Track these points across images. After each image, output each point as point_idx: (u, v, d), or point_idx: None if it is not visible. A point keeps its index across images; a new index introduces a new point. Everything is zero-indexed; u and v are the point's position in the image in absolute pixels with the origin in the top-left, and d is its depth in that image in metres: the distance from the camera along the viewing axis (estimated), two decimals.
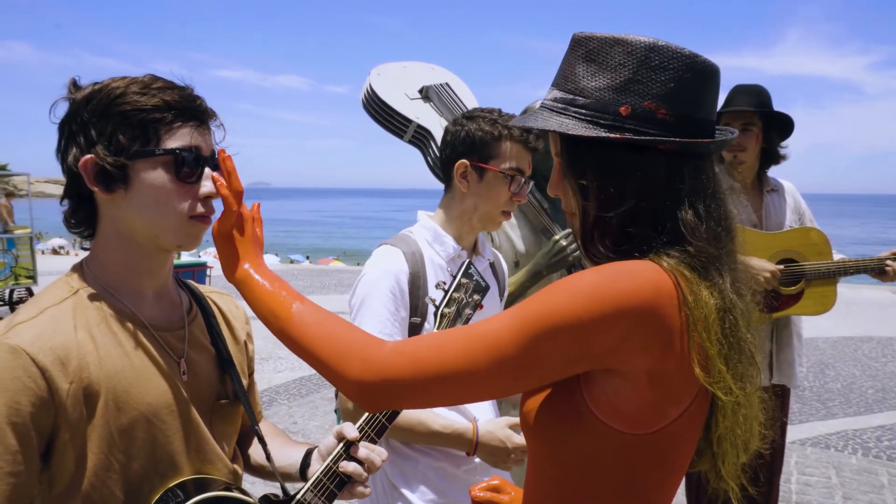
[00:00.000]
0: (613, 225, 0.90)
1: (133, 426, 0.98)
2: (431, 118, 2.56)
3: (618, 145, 0.87)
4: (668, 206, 0.88)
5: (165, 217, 1.00)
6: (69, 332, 0.96)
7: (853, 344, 7.94)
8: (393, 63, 2.78)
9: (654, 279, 0.82)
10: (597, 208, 0.90)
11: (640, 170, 0.87)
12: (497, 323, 0.86)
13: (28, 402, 0.90)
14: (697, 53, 0.88)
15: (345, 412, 1.60)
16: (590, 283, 0.83)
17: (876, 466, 4.31)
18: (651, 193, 0.88)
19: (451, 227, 1.70)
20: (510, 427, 1.59)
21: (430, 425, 1.57)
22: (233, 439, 1.18)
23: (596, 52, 0.89)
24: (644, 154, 0.87)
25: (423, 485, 1.62)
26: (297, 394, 5.83)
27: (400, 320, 1.57)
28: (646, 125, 0.87)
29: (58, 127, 1.02)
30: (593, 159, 0.90)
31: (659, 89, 0.86)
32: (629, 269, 0.84)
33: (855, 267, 2.57)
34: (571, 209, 0.95)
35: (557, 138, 0.94)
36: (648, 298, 0.81)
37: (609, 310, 0.80)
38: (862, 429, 5.03)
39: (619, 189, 0.88)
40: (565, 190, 0.95)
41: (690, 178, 0.89)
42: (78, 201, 1.03)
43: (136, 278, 1.05)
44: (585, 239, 0.93)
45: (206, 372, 1.11)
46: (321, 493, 1.10)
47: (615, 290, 0.81)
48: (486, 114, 1.65)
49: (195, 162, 1.00)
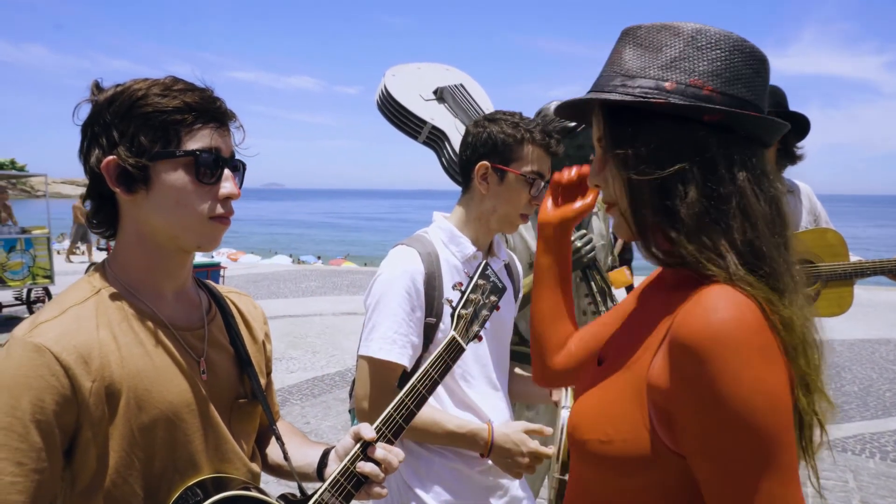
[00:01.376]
0: (666, 212, 0.85)
1: (154, 424, 0.99)
2: (446, 119, 2.56)
3: (662, 116, 0.85)
4: (724, 197, 0.84)
5: (185, 218, 1.01)
6: (92, 330, 0.97)
7: (870, 346, 7.85)
8: (407, 64, 2.78)
9: (748, 314, 0.78)
10: (648, 190, 0.86)
11: (688, 145, 0.84)
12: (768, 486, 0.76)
13: (52, 400, 0.91)
14: (746, 39, 0.86)
15: (359, 412, 1.61)
16: (747, 368, 0.75)
17: (894, 470, 4.26)
18: (703, 178, 0.84)
19: (468, 229, 1.70)
20: (525, 432, 1.59)
21: (446, 425, 1.57)
22: (251, 438, 1.19)
23: (643, 37, 0.88)
24: (691, 127, 0.85)
25: (437, 485, 1.62)
26: (310, 394, 5.86)
27: (415, 320, 1.58)
28: (692, 100, 0.84)
29: (80, 129, 1.03)
30: (640, 132, 0.87)
31: (706, 67, 0.85)
32: (744, 328, 0.77)
33: (872, 268, 2.54)
34: (612, 198, 0.93)
35: (600, 118, 0.92)
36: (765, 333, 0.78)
37: (781, 364, 0.77)
38: (879, 432, 4.97)
39: (668, 163, 0.84)
40: (606, 178, 0.93)
41: (744, 168, 0.85)
42: (100, 202, 1.05)
43: (157, 278, 1.06)
44: (640, 229, 0.89)
45: (225, 371, 1.12)
46: (339, 493, 1.10)
47: (772, 360, 0.77)
48: (509, 116, 1.66)
49: (215, 163, 1.01)
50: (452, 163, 2.44)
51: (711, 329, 0.76)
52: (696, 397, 0.77)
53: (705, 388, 0.76)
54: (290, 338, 8.09)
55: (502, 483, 1.70)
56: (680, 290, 0.87)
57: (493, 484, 1.68)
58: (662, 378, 0.82)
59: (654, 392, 0.83)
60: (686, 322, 0.79)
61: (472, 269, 1.66)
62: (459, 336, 1.29)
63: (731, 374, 0.74)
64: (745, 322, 0.76)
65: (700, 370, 0.76)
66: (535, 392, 1.86)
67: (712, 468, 0.78)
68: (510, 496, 1.71)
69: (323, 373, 6.56)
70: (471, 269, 1.67)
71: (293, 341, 7.93)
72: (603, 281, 2.26)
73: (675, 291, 0.89)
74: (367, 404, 1.57)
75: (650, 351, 0.86)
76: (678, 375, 0.79)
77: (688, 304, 0.82)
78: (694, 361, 0.76)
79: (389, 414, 1.18)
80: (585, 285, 2.25)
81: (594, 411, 0.91)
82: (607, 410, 0.89)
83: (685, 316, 0.80)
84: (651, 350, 0.86)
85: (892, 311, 10.20)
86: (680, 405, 0.79)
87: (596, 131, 0.94)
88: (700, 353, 0.76)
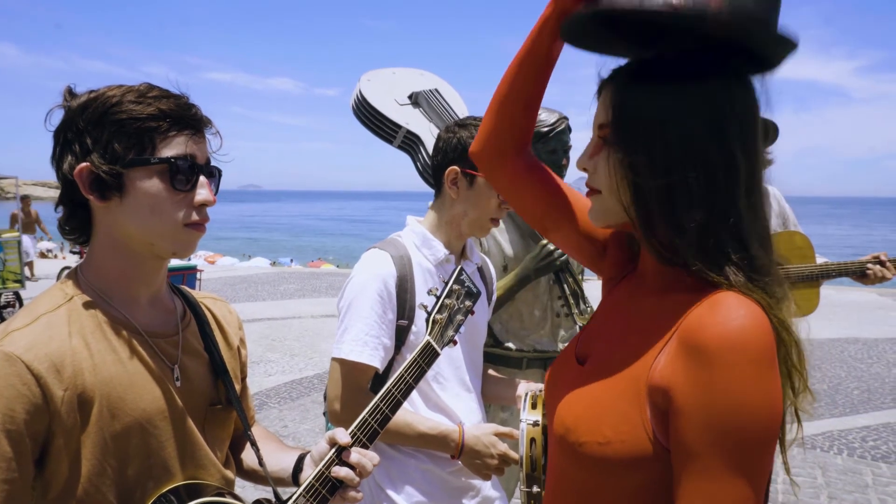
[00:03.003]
0: (671, 214, 0.86)
1: (127, 432, 0.99)
2: (421, 124, 2.58)
3: (674, 81, 0.86)
4: (726, 207, 0.86)
5: (160, 225, 1.01)
6: (64, 338, 0.97)
7: (839, 346, 8.03)
8: (383, 69, 2.79)
9: (763, 324, 0.81)
10: (655, 190, 0.86)
11: (702, 121, 0.85)
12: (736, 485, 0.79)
13: (23, 410, 0.91)
14: None
15: (331, 414, 1.63)
16: (753, 380, 0.78)
17: (861, 466, 4.37)
18: (707, 188, 0.85)
19: (440, 232, 1.72)
20: (496, 434, 1.60)
21: (417, 427, 1.59)
22: (225, 444, 1.19)
23: None
24: (704, 88, 0.86)
25: (408, 486, 1.64)
26: (288, 397, 5.82)
27: (387, 323, 1.60)
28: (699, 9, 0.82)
29: (53, 134, 1.03)
30: (650, 122, 0.87)
31: None
32: (756, 336, 0.80)
33: (837, 270, 2.61)
34: (598, 185, 0.94)
35: (609, 101, 0.91)
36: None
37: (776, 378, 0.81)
38: (847, 429, 5.09)
39: (676, 165, 0.85)
40: (596, 165, 0.94)
41: (747, 176, 0.87)
42: (73, 208, 1.04)
43: (131, 285, 1.06)
44: (644, 222, 0.89)
45: (200, 378, 1.12)
46: (313, 497, 1.11)
47: (771, 371, 0.80)
48: (479, 122, 1.68)
49: (190, 170, 1.02)
50: (427, 167, 2.46)
51: (731, 337, 0.78)
52: (707, 401, 0.79)
53: (719, 392, 0.78)
54: (269, 341, 8.03)
55: (474, 484, 1.72)
56: (676, 293, 0.89)
57: (464, 485, 1.70)
58: (668, 380, 0.83)
59: (657, 393, 0.84)
60: (702, 328, 0.81)
61: (445, 273, 1.68)
62: (434, 341, 1.30)
63: (746, 382, 0.78)
64: (762, 332, 0.80)
65: (716, 376, 0.78)
66: (509, 394, 1.89)
67: (702, 470, 0.79)
68: (482, 496, 1.73)
69: (301, 376, 6.53)
70: (444, 272, 1.69)
71: (271, 344, 7.87)
72: (576, 283, 2.30)
73: (670, 294, 0.90)
74: (339, 405, 1.59)
75: (651, 353, 0.87)
76: (690, 379, 0.80)
77: (698, 309, 0.84)
78: (710, 367, 0.79)
79: (364, 418, 1.19)
80: (558, 288, 2.28)
81: (589, 413, 0.91)
82: (604, 412, 0.89)
83: (699, 321, 0.82)
84: (652, 352, 0.87)
85: (859, 311, 10.44)
86: (687, 407, 0.80)
87: (601, 115, 0.94)
88: (718, 359, 0.78)
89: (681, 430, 0.81)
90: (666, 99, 0.87)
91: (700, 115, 0.86)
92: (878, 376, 6.67)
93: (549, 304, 2.29)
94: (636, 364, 0.88)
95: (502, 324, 2.28)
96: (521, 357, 2.27)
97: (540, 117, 2.26)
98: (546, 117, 2.26)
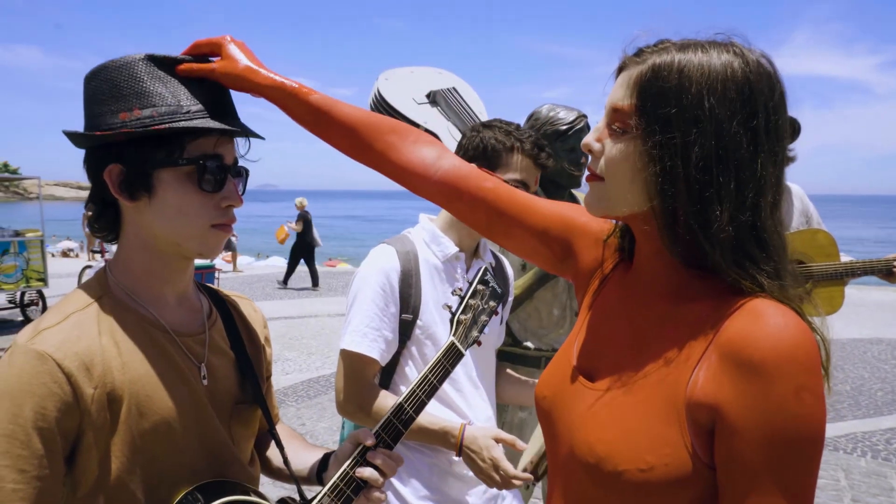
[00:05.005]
0: (701, 217, 0.81)
1: (155, 430, 1.00)
2: (439, 123, 2.58)
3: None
4: (757, 213, 0.82)
5: (188, 226, 1.02)
6: (93, 337, 0.98)
7: (862, 346, 7.91)
8: (401, 68, 2.80)
9: (808, 333, 0.79)
10: (685, 189, 0.81)
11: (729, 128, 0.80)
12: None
13: (54, 408, 0.92)
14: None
15: (337, 405, 1.67)
16: (807, 393, 0.76)
17: (885, 469, 4.30)
18: (738, 192, 0.81)
19: (452, 231, 1.74)
20: (496, 439, 1.57)
21: (419, 420, 1.59)
22: (251, 442, 1.20)
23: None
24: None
25: (414, 479, 1.65)
26: (306, 395, 5.86)
27: (389, 316, 1.62)
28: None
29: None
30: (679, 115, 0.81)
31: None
32: (797, 341, 0.77)
33: (862, 268, 2.57)
34: (603, 172, 0.88)
35: (635, 88, 0.84)
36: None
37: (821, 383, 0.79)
38: (871, 431, 5.02)
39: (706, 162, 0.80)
40: (604, 149, 0.88)
41: (773, 170, 0.84)
42: (102, 207, 1.06)
43: (158, 284, 1.07)
44: (667, 220, 0.84)
45: (226, 376, 1.13)
46: (338, 497, 1.11)
47: (817, 373, 0.78)
48: (504, 125, 1.70)
49: (218, 171, 1.02)
50: None
51: (786, 350, 0.76)
52: (767, 417, 0.76)
53: (779, 407, 0.75)
54: (286, 339, 8.09)
55: None
56: (694, 300, 0.85)
57: (471, 479, 1.69)
58: (712, 395, 0.79)
59: (699, 410, 0.80)
60: (751, 342, 0.77)
61: (453, 270, 1.70)
62: (458, 341, 1.30)
63: (804, 393, 0.75)
64: (810, 341, 0.78)
65: (775, 390, 0.75)
66: (527, 394, 1.88)
67: (760, 483, 0.77)
68: (490, 493, 1.72)
69: (318, 374, 6.57)
70: (452, 269, 1.71)
71: (288, 343, 7.93)
72: None
73: (685, 301, 0.86)
74: (342, 395, 1.63)
75: (684, 368, 0.82)
76: (744, 395, 0.77)
77: (737, 320, 0.80)
78: (765, 380, 0.76)
79: (388, 419, 1.19)
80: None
81: (625, 440, 0.84)
82: (641, 437, 0.83)
83: (745, 335, 0.78)
84: (686, 365, 0.82)
85: (883, 311, 10.28)
86: (742, 423, 0.77)
87: (621, 97, 0.86)
88: (774, 371, 0.75)
89: (736, 447, 0.78)
90: (700, 84, 0.81)
91: (733, 106, 0.81)
92: None
93: (569, 302, 2.28)
94: (667, 381, 0.83)
95: (521, 323, 2.27)
96: (540, 356, 2.27)
97: (558, 115, 2.25)
98: (565, 115, 2.24)
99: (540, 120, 2.26)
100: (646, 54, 0.86)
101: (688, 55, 0.83)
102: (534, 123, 2.27)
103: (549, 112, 2.26)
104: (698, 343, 0.82)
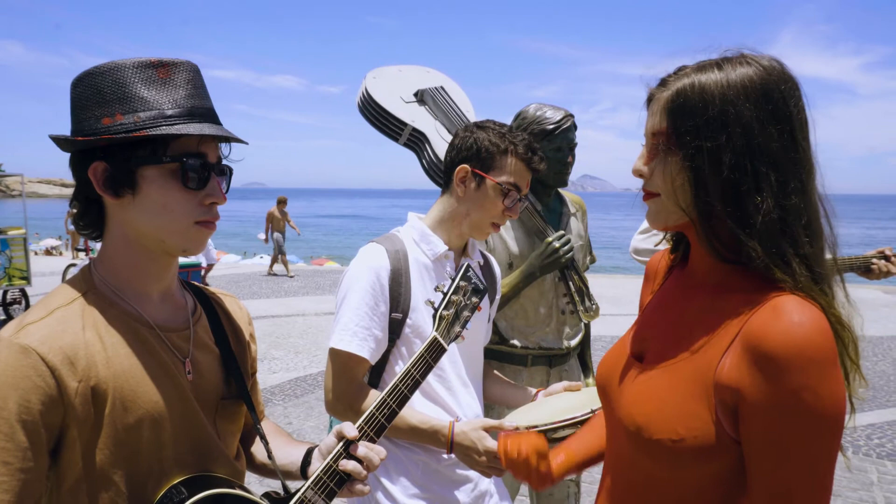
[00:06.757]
0: (739, 212, 0.90)
1: (139, 424, 1.01)
2: (426, 121, 2.59)
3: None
4: (796, 208, 0.90)
5: (172, 223, 1.03)
6: (78, 332, 0.98)
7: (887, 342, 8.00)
8: (389, 67, 2.80)
9: (823, 329, 0.85)
10: (720, 187, 0.90)
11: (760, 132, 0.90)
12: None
13: (38, 401, 0.92)
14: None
15: (325, 403, 1.67)
16: (824, 383, 0.84)
17: (866, 464, 4.37)
18: (779, 187, 0.90)
19: (440, 229, 1.74)
20: (485, 429, 1.59)
21: (409, 420, 1.60)
22: (236, 438, 1.21)
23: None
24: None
25: (404, 477, 1.66)
26: (293, 394, 5.85)
27: (379, 315, 1.62)
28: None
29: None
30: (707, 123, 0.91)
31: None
32: (814, 336, 0.85)
33: (841, 265, 2.61)
34: (657, 188, 0.98)
35: (664, 111, 0.96)
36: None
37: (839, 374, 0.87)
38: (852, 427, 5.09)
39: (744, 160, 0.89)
40: (653, 169, 0.98)
41: (809, 173, 0.94)
42: (87, 205, 1.06)
43: (143, 280, 1.08)
44: (704, 218, 0.94)
45: (211, 372, 1.14)
46: (321, 490, 1.12)
47: (834, 365, 0.85)
48: (498, 127, 1.71)
49: (201, 169, 1.03)
50: (433, 164, 2.46)
51: (796, 343, 0.84)
52: (776, 403, 0.85)
53: (787, 396, 0.84)
54: (273, 338, 8.06)
55: (470, 476, 1.72)
56: (731, 292, 0.94)
57: (460, 477, 1.71)
58: (735, 379, 0.88)
59: (724, 391, 0.89)
60: (767, 336, 0.85)
61: (442, 268, 1.70)
62: (441, 336, 1.32)
63: (814, 385, 0.83)
64: (825, 336, 0.85)
65: (784, 380, 0.84)
66: (512, 395, 1.89)
67: (777, 462, 0.86)
68: (479, 490, 1.73)
69: (305, 373, 6.56)
70: (441, 267, 1.71)
71: (275, 341, 7.91)
72: (581, 281, 2.30)
73: (724, 293, 0.96)
74: (332, 395, 1.63)
75: (715, 351, 0.92)
76: (758, 381, 0.86)
77: (761, 314, 0.88)
78: (777, 371, 0.84)
79: (372, 413, 1.20)
80: (564, 285, 2.29)
81: (661, 412, 0.96)
82: (674, 411, 0.94)
83: (763, 329, 0.86)
84: (717, 350, 0.92)
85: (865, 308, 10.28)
86: (757, 407, 0.86)
87: (654, 123, 0.98)
88: (784, 364, 0.84)
89: (753, 428, 0.87)
90: (722, 96, 0.91)
91: (757, 106, 0.91)
92: (884, 374, 6.66)
93: (555, 301, 2.30)
94: (699, 364, 0.93)
95: (508, 321, 2.29)
96: (526, 354, 2.28)
97: (546, 115, 2.27)
98: (552, 114, 2.26)
99: (527, 119, 2.27)
100: (669, 82, 0.97)
101: (705, 74, 0.94)
102: (521, 123, 2.29)
103: (537, 111, 2.28)
104: (729, 332, 0.92)
